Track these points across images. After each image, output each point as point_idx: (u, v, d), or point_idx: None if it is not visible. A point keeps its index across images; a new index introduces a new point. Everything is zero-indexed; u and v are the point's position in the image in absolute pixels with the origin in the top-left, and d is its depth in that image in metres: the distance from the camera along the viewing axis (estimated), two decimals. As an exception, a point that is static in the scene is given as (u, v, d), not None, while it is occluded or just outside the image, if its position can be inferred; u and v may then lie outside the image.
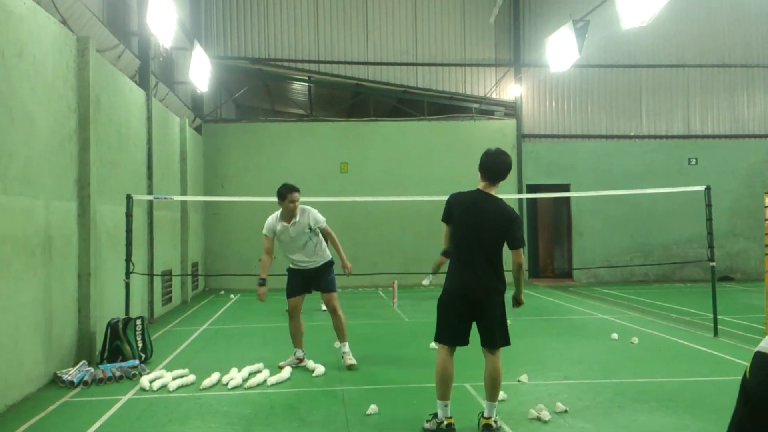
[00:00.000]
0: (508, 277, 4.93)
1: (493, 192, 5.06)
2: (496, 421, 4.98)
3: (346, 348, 7.30)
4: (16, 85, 6.11)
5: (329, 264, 7.26)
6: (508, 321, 5.08)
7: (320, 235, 7.24)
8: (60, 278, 7.04)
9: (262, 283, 7.05)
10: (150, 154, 10.97)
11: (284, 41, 17.11)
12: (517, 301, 5.14)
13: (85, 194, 7.66)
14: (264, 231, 7.14)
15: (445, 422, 4.93)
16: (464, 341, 5.02)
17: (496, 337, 4.95)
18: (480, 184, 5.08)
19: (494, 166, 5.01)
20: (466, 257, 4.96)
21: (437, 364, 4.98)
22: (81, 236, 7.61)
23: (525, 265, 5.09)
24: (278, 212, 7.12)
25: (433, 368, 5.02)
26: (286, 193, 6.97)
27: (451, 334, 5.00)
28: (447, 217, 5.11)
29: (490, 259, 4.93)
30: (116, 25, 10.28)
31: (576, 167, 17.37)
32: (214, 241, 16.43)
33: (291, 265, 7.27)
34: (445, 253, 5.32)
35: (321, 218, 7.19)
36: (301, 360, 7.28)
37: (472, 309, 4.94)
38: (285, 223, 7.03)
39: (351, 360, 7.16)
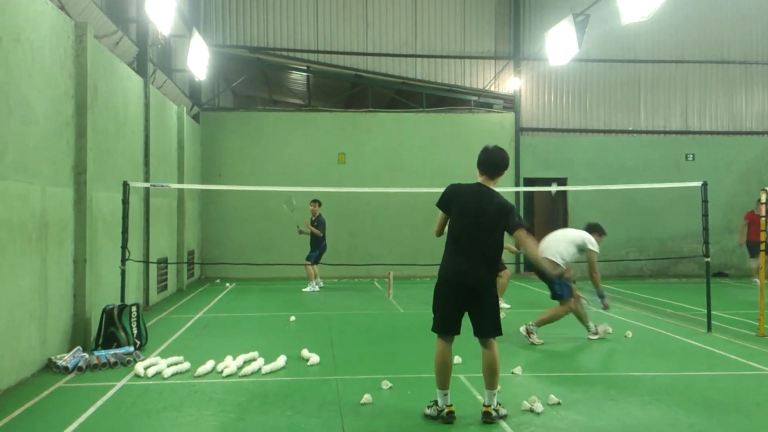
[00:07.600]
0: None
1: (492, 186, 5.26)
2: (496, 409, 5.05)
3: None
4: (14, 71, 6.09)
5: None
6: (502, 314, 5.13)
7: None
8: (56, 264, 7.03)
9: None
10: (147, 142, 10.94)
11: (283, 30, 17.03)
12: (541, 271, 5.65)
13: (82, 181, 7.64)
14: None
15: (446, 410, 5.04)
16: (456, 329, 5.12)
17: (487, 327, 5.07)
18: (479, 178, 5.28)
19: (492, 162, 5.23)
20: (462, 247, 5.10)
21: (436, 355, 5.09)
22: (77, 222, 7.60)
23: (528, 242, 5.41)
24: None
25: (428, 359, 5.06)
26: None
27: (444, 320, 5.10)
28: (444, 206, 5.27)
29: (485, 250, 5.09)
30: (115, 11, 10.23)
31: (573, 161, 17.38)
32: (211, 230, 16.41)
33: None
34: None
35: None
36: None
37: (465, 297, 5.05)
38: None
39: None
